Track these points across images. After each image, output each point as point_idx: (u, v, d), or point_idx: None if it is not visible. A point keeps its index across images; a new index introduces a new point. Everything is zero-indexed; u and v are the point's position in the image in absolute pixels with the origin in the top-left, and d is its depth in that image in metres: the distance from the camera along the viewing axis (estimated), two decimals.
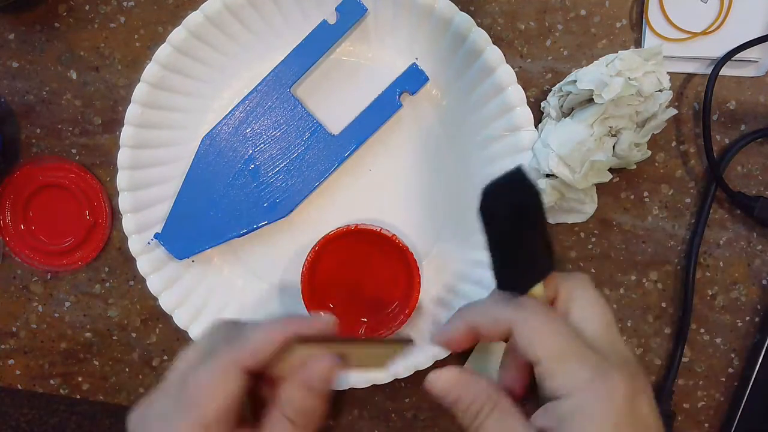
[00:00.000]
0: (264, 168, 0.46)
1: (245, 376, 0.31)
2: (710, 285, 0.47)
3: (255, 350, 0.31)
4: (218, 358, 0.31)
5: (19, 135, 0.49)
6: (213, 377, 0.31)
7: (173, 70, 0.45)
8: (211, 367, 0.31)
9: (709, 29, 0.45)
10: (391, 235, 0.43)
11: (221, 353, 0.31)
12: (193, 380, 0.31)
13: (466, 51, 0.44)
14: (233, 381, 0.31)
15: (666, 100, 0.42)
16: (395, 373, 0.46)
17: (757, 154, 0.47)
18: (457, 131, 0.47)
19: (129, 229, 0.46)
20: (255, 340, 0.32)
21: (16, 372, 0.50)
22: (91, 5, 0.48)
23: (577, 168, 0.42)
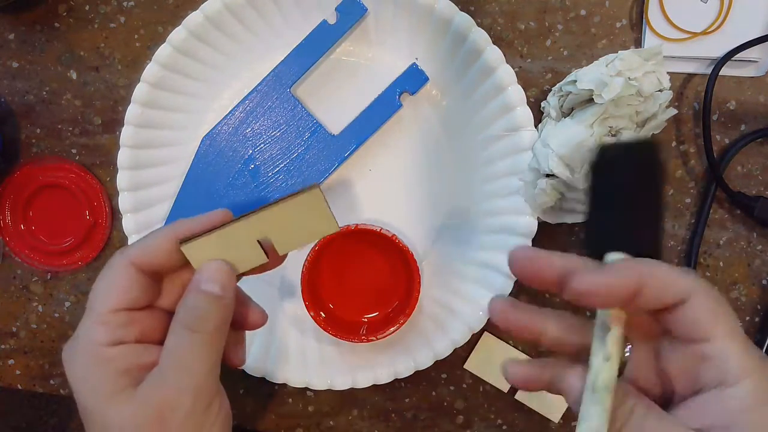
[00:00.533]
0: (264, 168, 0.46)
1: (138, 273, 0.32)
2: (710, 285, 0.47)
3: (144, 247, 0.33)
4: (111, 262, 0.33)
5: (19, 135, 0.49)
6: (103, 278, 0.32)
7: (173, 70, 0.45)
8: (103, 272, 0.33)
9: (709, 29, 0.45)
10: (391, 235, 0.43)
11: (114, 257, 0.33)
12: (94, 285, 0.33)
13: (466, 51, 0.44)
14: (122, 277, 0.32)
15: (666, 100, 0.42)
16: (395, 373, 0.46)
17: (757, 154, 0.47)
18: (457, 131, 0.47)
19: (129, 229, 0.46)
20: (141, 240, 0.33)
21: (16, 372, 0.50)
22: (91, 5, 0.48)
23: (577, 168, 0.42)
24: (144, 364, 0.32)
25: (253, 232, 0.34)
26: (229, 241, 0.34)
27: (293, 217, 0.34)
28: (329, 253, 0.45)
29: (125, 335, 0.32)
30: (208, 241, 0.33)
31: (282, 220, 0.34)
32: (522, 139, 0.44)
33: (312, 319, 0.44)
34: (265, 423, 0.50)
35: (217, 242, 0.34)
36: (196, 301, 0.32)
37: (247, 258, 0.34)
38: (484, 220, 0.46)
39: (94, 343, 0.31)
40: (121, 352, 0.32)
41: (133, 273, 0.32)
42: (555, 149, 0.42)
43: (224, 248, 0.34)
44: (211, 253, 0.34)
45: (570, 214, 0.45)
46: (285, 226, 0.34)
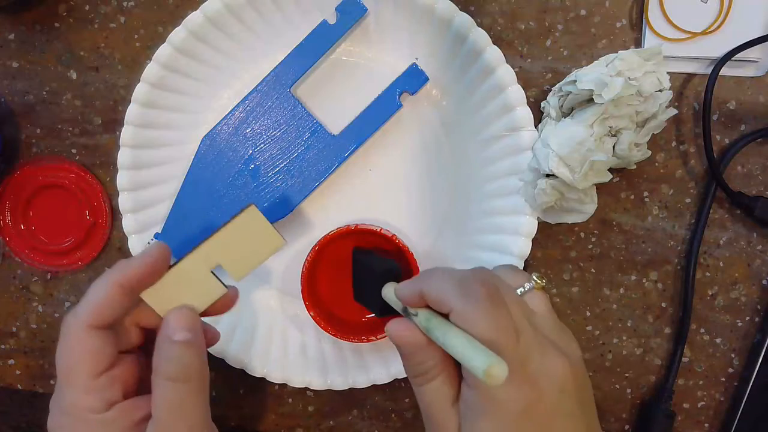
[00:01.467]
0: (264, 168, 0.46)
1: (100, 332, 0.33)
2: (710, 285, 0.47)
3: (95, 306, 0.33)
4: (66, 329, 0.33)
5: (19, 135, 0.49)
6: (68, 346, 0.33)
7: (173, 70, 0.45)
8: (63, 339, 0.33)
9: (709, 29, 0.45)
10: (391, 235, 0.43)
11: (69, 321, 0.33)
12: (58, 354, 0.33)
13: (467, 51, 0.44)
14: (87, 342, 0.32)
15: (666, 100, 0.42)
16: (395, 373, 0.46)
17: (757, 154, 0.47)
18: (457, 131, 0.47)
19: (129, 229, 0.46)
20: (89, 299, 0.33)
21: (16, 372, 0.50)
22: (91, 5, 0.48)
23: (577, 168, 0.42)
24: (139, 419, 0.33)
25: (204, 264, 0.35)
26: (184, 278, 0.34)
27: (238, 240, 0.35)
28: (329, 253, 0.45)
29: (113, 395, 0.33)
30: (164, 282, 0.34)
31: (228, 246, 0.35)
32: (522, 139, 0.44)
33: (312, 319, 0.44)
34: (265, 423, 0.50)
35: (172, 281, 0.34)
36: (172, 352, 0.33)
37: (206, 292, 0.35)
38: (484, 220, 0.46)
39: (88, 411, 0.32)
40: (117, 413, 0.32)
41: (95, 335, 0.33)
42: (555, 149, 0.42)
43: (182, 286, 0.34)
44: (171, 294, 0.34)
45: (570, 214, 0.45)
46: (233, 252, 0.35)
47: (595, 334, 0.48)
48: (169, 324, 0.33)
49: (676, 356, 0.47)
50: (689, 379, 0.48)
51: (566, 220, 0.45)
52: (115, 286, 0.33)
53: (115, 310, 0.33)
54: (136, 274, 0.33)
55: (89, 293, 0.33)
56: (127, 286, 0.33)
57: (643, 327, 0.48)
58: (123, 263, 0.34)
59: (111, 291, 0.33)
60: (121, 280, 0.33)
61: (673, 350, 0.47)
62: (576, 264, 0.47)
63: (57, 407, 0.33)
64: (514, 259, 0.44)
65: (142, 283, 0.34)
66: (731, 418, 0.47)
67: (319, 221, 0.47)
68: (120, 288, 0.33)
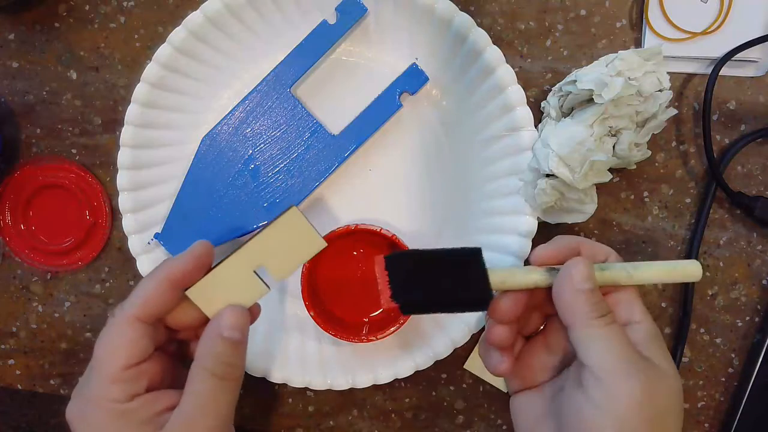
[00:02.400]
0: (264, 168, 0.46)
1: (143, 326, 0.34)
2: (710, 285, 0.47)
3: (143, 300, 0.34)
4: (111, 320, 0.34)
5: (19, 135, 0.49)
6: (109, 336, 0.33)
7: (173, 70, 0.45)
8: (106, 329, 0.34)
9: (709, 29, 0.45)
10: (391, 235, 0.43)
11: (115, 313, 0.34)
12: (98, 344, 0.34)
13: (467, 51, 0.44)
14: (129, 333, 0.33)
15: (666, 100, 0.42)
16: (395, 373, 0.46)
17: (757, 154, 0.47)
18: (458, 131, 0.47)
19: (129, 229, 0.46)
20: (138, 293, 0.34)
21: (16, 372, 0.50)
22: (91, 5, 0.48)
23: (577, 168, 0.42)
24: (160, 410, 0.34)
25: (247, 264, 0.35)
26: (228, 278, 0.35)
27: (280, 241, 0.35)
28: (329, 253, 0.45)
29: (138, 388, 0.33)
30: (208, 281, 0.35)
31: (270, 247, 0.35)
32: (522, 139, 0.44)
33: (312, 319, 0.44)
34: (265, 423, 0.50)
35: (216, 280, 0.35)
36: (219, 347, 0.34)
37: (249, 292, 0.36)
38: (484, 220, 0.46)
39: (111, 400, 0.33)
40: (139, 404, 0.33)
41: (139, 327, 0.34)
42: (555, 149, 0.42)
43: (225, 285, 0.35)
44: (215, 292, 0.35)
45: (570, 214, 0.45)
46: (275, 252, 0.35)
47: None
48: (222, 320, 0.34)
49: (676, 356, 0.47)
50: (689, 379, 0.48)
51: (566, 220, 0.45)
52: (164, 282, 0.34)
53: (162, 305, 0.34)
54: (183, 270, 0.34)
55: (139, 288, 0.34)
56: (175, 281, 0.34)
57: None
58: (170, 260, 0.35)
59: (160, 286, 0.34)
60: (170, 276, 0.34)
61: (673, 350, 0.47)
62: None
63: (80, 394, 0.34)
64: (514, 259, 0.44)
65: (187, 279, 0.35)
66: (731, 418, 0.47)
67: (319, 221, 0.47)
68: (169, 283, 0.34)
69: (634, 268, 0.36)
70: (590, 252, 0.36)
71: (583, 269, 0.34)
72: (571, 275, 0.34)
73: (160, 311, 0.34)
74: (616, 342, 0.33)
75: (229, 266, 0.35)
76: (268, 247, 0.35)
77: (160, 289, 0.34)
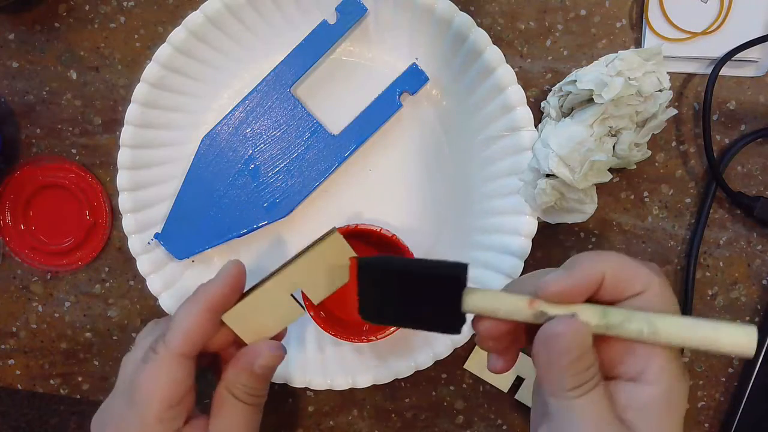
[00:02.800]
0: (264, 168, 0.46)
1: (188, 362, 0.33)
2: (710, 285, 0.47)
3: (185, 333, 0.32)
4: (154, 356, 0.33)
5: (19, 135, 0.49)
6: (154, 375, 0.32)
7: (173, 70, 0.45)
8: (150, 367, 0.32)
9: (709, 29, 0.45)
10: (391, 235, 0.43)
11: (158, 349, 0.33)
12: (139, 379, 0.32)
13: (467, 51, 0.44)
14: (175, 373, 0.32)
15: (666, 100, 0.42)
16: (395, 373, 0.46)
17: (757, 154, 0.47)
18: (458, 131, 0.47)
19: (129, 229, 0.46)
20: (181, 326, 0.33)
21: (16, 372, 0.50)
22: (91, 5, 0.48)
23: (577, 168, 0.42)
24: None
25: (285, 288, 0.35)
26: (265, 301, 0.34)
27: (320, 264, 0.34)
28: None
29: (179, 423, 0.33)
30: (246, 305, 0.34)
31: (310, 270, 0.34)
32: (522, 139, 0.44)
33: (312, 319, 0.44)
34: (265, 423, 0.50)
35: (254, 305, 0.34)
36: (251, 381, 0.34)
37: (284, 314, 0.35)
38: (484, 220, 0.46)
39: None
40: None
41: (184, 364, 0.33)
42: (555, 149, 0.42)
43: (262, 308, 0.34)
44: (251, 317, 0.34)
45: (570, 214, 0.45)
46: (314, 275, 0.34)
47: None
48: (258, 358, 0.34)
49: None
50: (689, 379, 0.48)
51: (566, 220, 0.45)
52: (206, 312, 0.33)
53: (205, 336, 0.33)
54: (222, 295, 0.33)
55: (179, 320, 0.33)
56: (214, 309, 0.33)
57: None
58: (206, 287, 0.34)
59: (202, 317, 0.33)
60: (211, 305, 0.33)
61: None
62: None
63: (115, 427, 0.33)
64: (514, 259, 0.44)
65: (226, 304, 0.34)
66: (731, 418, 0.47)
67: (319, 221, 0.47)
68: (210, 313, 0.33)
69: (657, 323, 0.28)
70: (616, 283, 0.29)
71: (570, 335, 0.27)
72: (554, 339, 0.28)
73: (203, 343, 0.33)
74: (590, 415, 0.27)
75: (268, 290, 0.34)
76: (308, 270, 0.34)
77: (202, 320, 0.33)
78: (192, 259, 0.47)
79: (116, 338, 0.50)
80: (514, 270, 0.45)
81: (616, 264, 0.29)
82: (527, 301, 0.29)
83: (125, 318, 0.49)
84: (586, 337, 0.28)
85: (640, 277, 0.29)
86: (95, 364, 0.50)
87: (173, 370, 0.32)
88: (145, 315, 0.49)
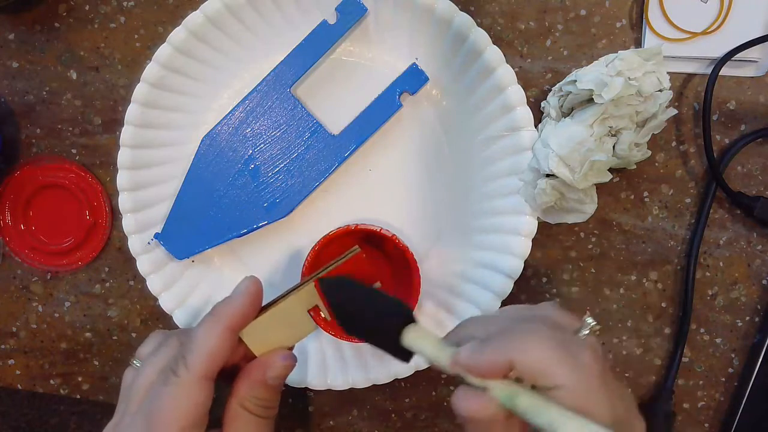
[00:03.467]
0: (264, 168, 0.46)
1: (210, 384, 0.32)
2: (710, 285, 0.47)
3: (207, 356, 0.32)
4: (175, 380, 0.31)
5: (19, 135, 0.49)
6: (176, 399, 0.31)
7: (173, 70, 0.45)
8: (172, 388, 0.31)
9: (709, 29, 0.45)
10: (391, 235, 0.43)
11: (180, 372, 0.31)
12: (159, 403, 0.31)
13: (467, 51, 0.44)
14: (197, 396, 0.31)
15: (666, 100, 0.42)
16: (396, 373, 0.46)
17: (757, 154, 0.47)
18: (458, 131, 0.47)
19: (129, 229, 0.46)
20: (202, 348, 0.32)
21: (16, 372, 0.50)
22: (91, 5, 0.48)
23: (577, 168, 0.42)
24: None
25: (302, 305, 0.34)
26: (282, 318, 0.34)
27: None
28: (329, 253, 0.45)
29: None
30: (263, 322, 0.34)
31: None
32: (522, 139, 0.44)
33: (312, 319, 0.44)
34: None
35: (271, 321, 0.34)
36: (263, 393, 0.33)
37: (298, 330, 0.35)
38: (484, 219, 0.46)
39: None
40: None
41: (206, 387, 0.32)
42: (555, 149, 0.42)
43: (278, 325, 0.34)
44: (267, 332, 0.34)
45: (570, 214, 0.45)
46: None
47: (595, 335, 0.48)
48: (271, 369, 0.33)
49: (676, 356, 0.47)
50: (689, 379, 0.48)
51: (566, 220, 0.45)
52: (226, 332, 0.32)
53: (225, 356, 0.32)
54: (242, 314, 0.33)
55: (201, 341, 0.32)
56: (235, 329, 0.33)
57: (643, 327, 0.48)
58: (225, 306, 0.33)
59: (223, 337, 0.32)
60: (230, 324, 0.32)
61: (673, 350, 0.47)
62: (576, 264, 0.47)
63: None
64: (515, 259, 0.44)
65: (245, 323, 0.33)
66: (731, 418, 0.47)
67: (319, 221, 0.47)
68: (230, 333, 0.32)
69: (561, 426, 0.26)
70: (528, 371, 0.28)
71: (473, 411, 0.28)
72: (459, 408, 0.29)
73: (222, 364, 0.33)
74: None
75: (287, 307, 0.34)
76: None
77: (223, 341, 0.32)
78: (192, 259, 0.47)
79: (116, 338, 0.50)
80: (514, 270, 0.45)
81: (529, 355, 0.28)
82: (450, 360, 0.30)
83: (125, 318, 0.49)
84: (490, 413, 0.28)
85: (556, 373, 0.27)
86: (95, 364, 0.50)
87: (195, 394, 0.31)
88: (145, 315, 0.49)
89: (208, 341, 0.32)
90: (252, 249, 0.48)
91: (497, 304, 0.45)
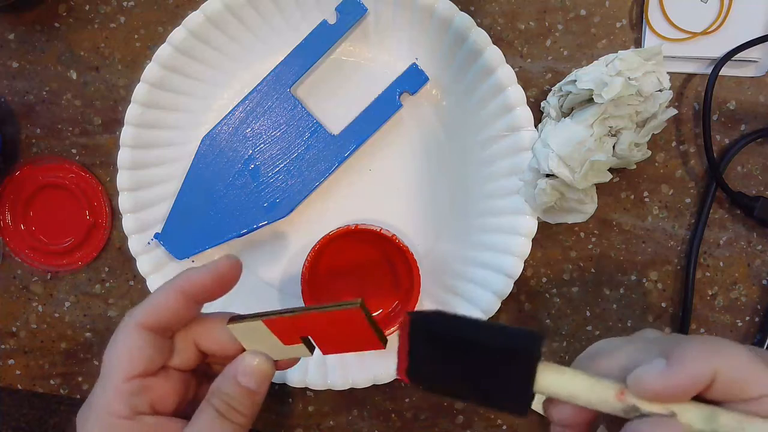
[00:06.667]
0: (264, 168, 0.46)
1: (149, 335, 0.32)
2: (710, 285, 0.47)
3: (151, 307, 0.32)
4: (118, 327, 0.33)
5: (19, 135, 0.49)
6: (115, 343, 0.32)
7: (173, 70, 0.46)
8: (114, 336, 0.33)
9: (709, 29, 0.45)
10: (391, 235, 0.43)
11: (124, 319, 0.33)
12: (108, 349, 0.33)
13: (467, 51, 0.44)
14: (134, 341, 0.32)
15: (666, 100, 0.42)
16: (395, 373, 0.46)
17: (757, 154, 0.47)
18: (457, 131, 0.47)
19: (129, 229, 0.46)
20: (149, 300, 0.33)
21: (16, 372, 0.50)
22: (91, 5, 0.48)
23: (577, 168, 0.42)
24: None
25: (296, 329, 0.33)
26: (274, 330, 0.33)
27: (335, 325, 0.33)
28: (329, 253, 0.45)
29: (140, 404, 0.32)
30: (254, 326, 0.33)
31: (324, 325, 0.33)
32: (522, 139, 0.44)
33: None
34: (265, 423, 0.50)
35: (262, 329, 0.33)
36: (232, 390, 0.32)
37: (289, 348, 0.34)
38: (484, 220, 0.46)
39: (110, 414, 0.31)
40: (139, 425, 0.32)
41: (144, 335, 0.32)
42: (555, 149, 0.42)
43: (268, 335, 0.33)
44: (256, 337, 0.33)
45: (570, 214, 0.45)
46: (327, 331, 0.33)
47: (595, 334, 0.48)
48: (241, 364, 0.33)
49: None
50: None
51: (566, 220, 0.45)
52: (176, 292, 0.33)
53: (170, 314, 0.33)
54: (201, 283, 0.33)
55: (151, 296, 0.33)
56: (189, 293, 0.33)
57: (643, 327, 0.48)
58: (189, 271, 0.33)
59: (172, 295, 0.32)
60: (184, 287, 0.33)
61: None
62: (576, 264, 0.47)
63: (87, 402, 0.33)
64: (515, 259, 0.44)
65: (205, 293, 0.33)
66: None
67: (319, 221, 0.47)
68: (181, 294, 0.33)
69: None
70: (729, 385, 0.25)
71: None
72: None
73: (166, 320, 0.33)
74: None
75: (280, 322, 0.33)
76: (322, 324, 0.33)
77: (170, 299, 0.32)
78: (192, 259, 0.47)
79: None
80: (514, 270, 0.45)
81: (733, 362, 0.25)
82: (615, 391, 0.25)
83: None
84: None
85: (759, 381, 0.25)
86: (95, 364, 0.50)
87: (129, 338, 0.32)
88: None
89: (155, 296, 0.33)
90: (252, 249, 0.48)
91: (497, 304, 0.45)
